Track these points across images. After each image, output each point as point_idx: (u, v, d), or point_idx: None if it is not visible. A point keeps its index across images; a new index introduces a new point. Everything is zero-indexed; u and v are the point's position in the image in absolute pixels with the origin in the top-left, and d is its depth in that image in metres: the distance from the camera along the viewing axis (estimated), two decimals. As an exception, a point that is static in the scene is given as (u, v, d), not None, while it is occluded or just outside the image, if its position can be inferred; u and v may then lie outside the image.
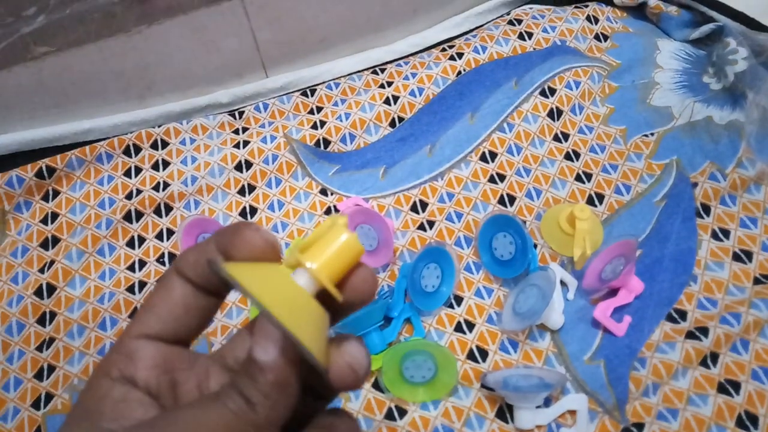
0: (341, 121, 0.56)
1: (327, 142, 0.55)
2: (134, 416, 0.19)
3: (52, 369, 0.46)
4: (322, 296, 0.19)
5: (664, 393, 0.43)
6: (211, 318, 0.22)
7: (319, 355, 0.18)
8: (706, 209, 0.51)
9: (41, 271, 0.50)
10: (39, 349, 0.47)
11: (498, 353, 0.45)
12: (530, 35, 0.60)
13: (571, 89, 0.57)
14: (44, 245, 0.51)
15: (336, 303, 0.20)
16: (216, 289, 0.21)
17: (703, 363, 0.44)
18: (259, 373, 0.18)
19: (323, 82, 0.59)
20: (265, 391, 0.18)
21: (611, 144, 0.55)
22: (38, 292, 0.49)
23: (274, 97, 0.58)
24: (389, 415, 0.43)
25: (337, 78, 0.59)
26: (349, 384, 0.19)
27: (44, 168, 0.52)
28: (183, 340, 0.21)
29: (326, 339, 0.19)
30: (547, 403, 0.43)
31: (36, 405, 0.45)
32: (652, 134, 0.55)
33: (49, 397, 0.45)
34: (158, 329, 0.20)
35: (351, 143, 0.55)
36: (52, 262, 0.50)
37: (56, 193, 0.53)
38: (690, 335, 0.45)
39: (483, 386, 0.44)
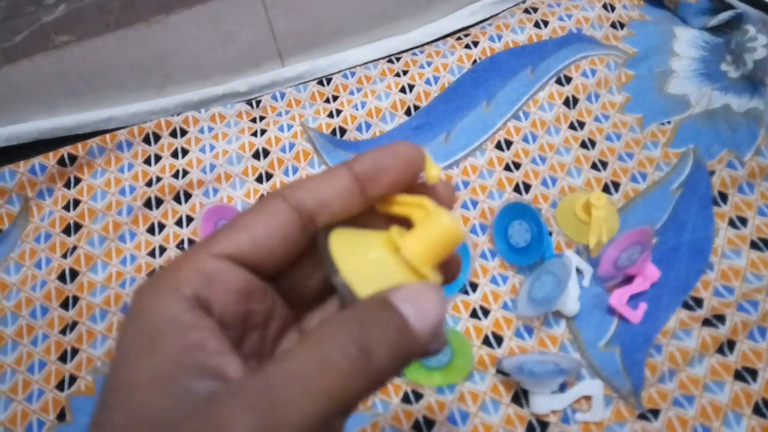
0: (357, 109, 0.56)
1: (343, 131, 0.56)
2: (208, 348, 0.16)
3: (75, 352, 0.47)
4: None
5: (680, 380, 0.43)
6: (293, 262, 0.19)
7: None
8: (724, 197, 0.50)
9: (64, 256, 0.51)
10: (62, 332, 0.48)
11: (513, 339, 0.46)
12: (546, 23, 0.60)
13: (587, 77, 0.57)
14: (66, 231, 0.52)
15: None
16: (334, 220, 0.19)
17: (720, 350, 0.44)
18: (406, 335, 0.16)
19: (339, 71, 0.59)
20: (390, 348, 0.16)
21: (627, 132, 0.54)
22: (61, 277, 0.50)
23: (290, 86, 0.59)
24: (405, 399, 0.44)
25: (352, 67, 0.59)
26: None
27: (66, 156, 0.53)
28: (264, 272, 0.18)
29: None
30: (563, 388, 0.43)
31: (60, 387, 0.46)
32: (669, 122, 0.55)
33: (73, 379, 0.46)
34: (248, 252, 0.18)
35: (367, 132, 0.56)
36: (74, 248, 0.51)
37: (78, 181, 0.53)
38: (706, 323, 0.45)
39: (499, 371, 0.44)
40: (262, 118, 0.57)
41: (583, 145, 0.54)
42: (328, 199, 0.18)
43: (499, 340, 0.46)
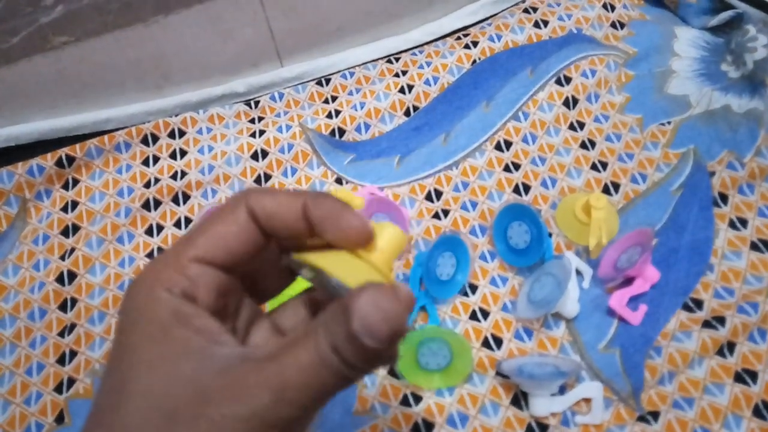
0: (356, 110, 0.56)
1: (342, 132, 0.56)
2: (210, 332, 0.20)
3: (74, 354, 0.47)
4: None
5: (679, 382, 0.43)
6: (256, 258, 0.22)
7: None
8: (724, 198, 0.50)
9: (62, 258, 0.50)
10: (61, 334, 0.48)
11: (513, 341, 0.46)
12: (546, 23, 0.60)
13: (587, 78, 0.56)
14: (65, 233, 0.51)
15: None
16: (276, 235, 0.22)
17: (720, 352, 0.44)
18: (363, 350, 0.19)
19: (338, 72, 0.59)
20: (367, 362, 0.19)
21: (627, 133, 0.54)
22: (59, 279, 0.50)
23: (289, 87, 0.58)
24: (405, 402, 0.44)
25: (351, 67, 0.59)
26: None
27: (64, 157, 0.53)
28: (234, 271, 0.22)
29: None
30: (562, 390, 0.43)
31: (58, 389, 0.46)
32: (669, 123, 0.54)
33: (71, 381, 0.46)
34: (219, 257, 0.21)
35: (366, 132, 0.56)
36: (72, 250, 0.51)
37: (76, 182, 0.53)
38: (706, 324, 0.45)
39: (498, 373, 0.44)
40: (260, 119, 0.56)
41: (583, 145, 0.54)
42: (279, 212, 0.21)
43: (498, 342, 0.46)
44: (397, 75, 0.58)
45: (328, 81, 0.58)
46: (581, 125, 0.55)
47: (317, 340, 0.19)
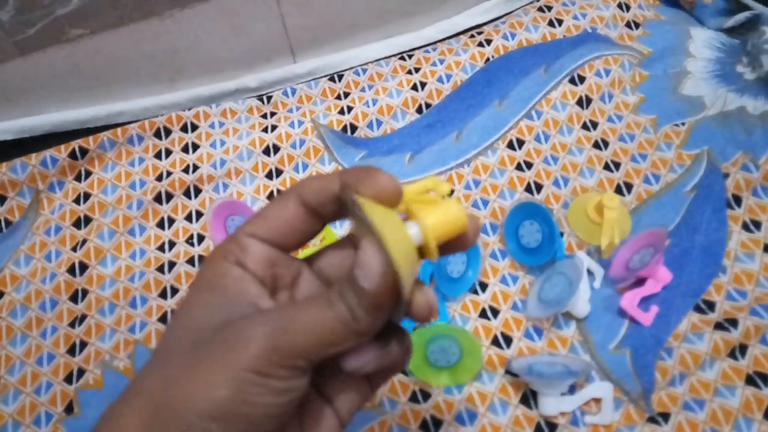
0: (368, 106, 0.56)
1: (354, 128, 0.56)
2: (251, 292, 0.24)
3: (84, 345, 0.47)
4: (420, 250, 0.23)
5: (690, 383, 0.43)
6: (308, 240, 0.26)
7: (409, 292, 0.22)
8: (738, 200, 0.50)
9: (74, 249, 0.51)
10: (71, 325, 0.48)
11: (523, 340, 0.46)
12: (560, 22, 0.59)
13: (601, 77, 0.56)
14: (77, 224, 0.52)
15: (427, 258, 0.24)
16: (323, 218, 0.25)
17: (732, 354, 0.44)
18: (361, 295, 0.21)
19: (351, 68, 0.59)
20: (365, 309, 0.21)
21: (641, 133, 0.54)
22: (71, 270, 0.50)
23: (301, 82, 0.58)
24: (413, 398, 0.44)
25: (364, 64, 0.59)
26: (425, 316, 0.24)
27: (77, 149, 0.53)
28: (284, 248, 0.25)
29: (413, 280, 0.23)
30: (572, 390, 0.43)
31: (68, 380, 0.46)
32: (683, 124, 0.54)
33: (81, 372, 0.46)
34: (265, 235, 0.25)
35: (378, 129, 0.56)
36: (84, 241, 0.51)
37: (88, 174, 0.54)
38: (718, 326, 0.45)
39: (507, 372, 0.44)
40: (272, 114, 0.57)
41: (596, 145, 0.53)
42: (324, 198, 0.24)
43: (508, 340, 0.46)
44: (409, 72, 0.58)
45: (340, 77, 0.58)
46: (594, 125, 0.54)
47: (330, 291, 0.22)
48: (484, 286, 0.48)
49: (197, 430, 0.20)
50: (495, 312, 0.47)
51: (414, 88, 0.57)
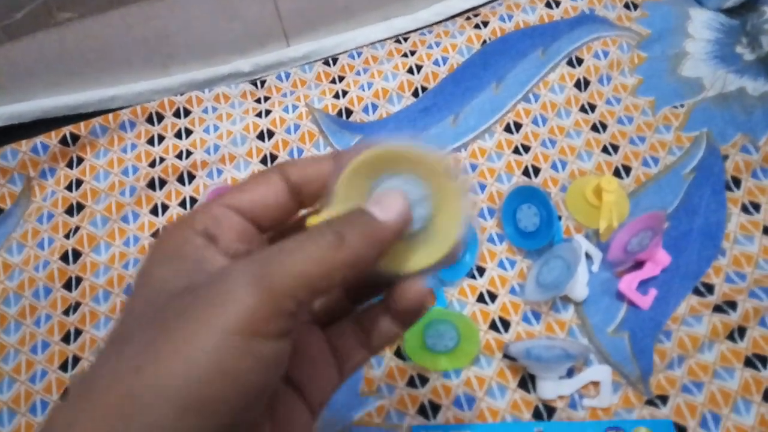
0: (363, 90, 0.55)
1: (349, 112, 0.55)
2: (217, 260, 0.21)
3: (78, 333, 0.47)
4: None
5: (689, 366, 0.43)
6: (282, 221, 0.24)
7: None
8: (737, 182, 0.50)
9: (66, 236, 0.50)
10: (65, 313, 0.47)
11: (521, 324, 0.45)
12: (558, 3, 0.58)
13: (599, 59, 0.55)
14: (69, 212, 0.51)
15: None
16: (302, 199, 0.24)
17: (730, 337, 0.43)
18: (367, 222, 0.21)
19: (345, 51, 0.58)
20: (360, 233, 0.20)
21: (639, 115, 0.53)
22: (64, 258, 0.49)
23: (296, 66, 0.58)
24: (411, 383, 0.43)
25: (359, 47, 0.58)
26: (414, 302, 0.23)
27: (68, 135, 0.52)
28: (259, 225, 0.23)
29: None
30: (570, 373, 0.43)
31: (63, 367, 0.46)
32: (682, 106, 0.53)
33: (76, 360, 0.46)
34: (247, 208, 0.23)
35: (373, 113, 0.55)
36: (77, 228, 0.50)
37: (80, 160, 0.53)
38: (717, 309, 0.44)
39: (505, 356, 0.44)
40: (267, 99, 0.56)
41: (594, 128, 0.53)
42: (311, 178, 0.23)
43: (506, 324, 0.45)
44: (405, 55, 0.57)
45: (335, 61, 0.57)
46: (592, 107, 0.54)
47: (311, 227, 0.21)
48: (481, 271, 0.47)
49: (169, 420, 0.17)
50: (493, 296, 0.46)
51: (410, 71, 0.56)
